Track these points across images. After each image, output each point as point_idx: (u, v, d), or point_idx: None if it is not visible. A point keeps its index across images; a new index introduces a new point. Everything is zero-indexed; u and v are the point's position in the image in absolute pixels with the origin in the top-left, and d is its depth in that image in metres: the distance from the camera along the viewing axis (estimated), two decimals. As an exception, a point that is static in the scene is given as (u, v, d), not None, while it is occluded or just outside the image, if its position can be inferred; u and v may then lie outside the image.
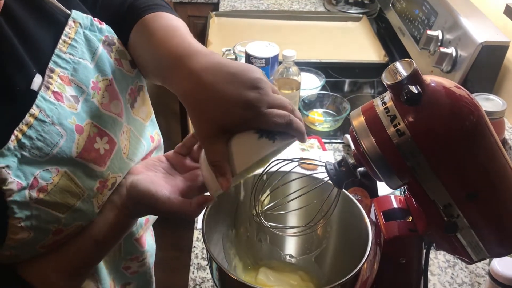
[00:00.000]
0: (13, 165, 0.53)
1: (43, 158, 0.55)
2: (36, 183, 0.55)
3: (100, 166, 0.61)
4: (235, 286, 0.68)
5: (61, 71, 0.59)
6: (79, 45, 0.61)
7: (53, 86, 0.57)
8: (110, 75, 0.64)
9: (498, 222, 0.62)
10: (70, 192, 0.58)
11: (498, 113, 1.09)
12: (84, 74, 0.61)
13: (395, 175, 0.60)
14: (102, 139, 0.61)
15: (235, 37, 1.62)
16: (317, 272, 0.82)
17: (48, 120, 0.55)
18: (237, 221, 0.81)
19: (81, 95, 0.60)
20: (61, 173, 0.57)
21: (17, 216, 0.54)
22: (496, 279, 0.84)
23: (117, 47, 0.66)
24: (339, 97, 1.36)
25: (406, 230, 0.68)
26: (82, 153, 0.59)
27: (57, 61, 0.59)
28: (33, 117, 0.54)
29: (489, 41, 1.17)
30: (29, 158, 0.54)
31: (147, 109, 0.74)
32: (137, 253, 0.80)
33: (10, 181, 0.52)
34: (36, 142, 0.54)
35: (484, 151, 0.59)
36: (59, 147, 0.56)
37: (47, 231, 0.58)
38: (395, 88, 0.57)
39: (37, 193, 0.55)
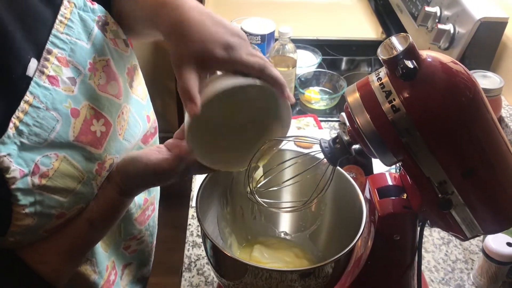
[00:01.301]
0: (14, 153, 0.53)
1: (42, 144, 0.55)
2: (38, 170, 0.55)
3: (97, 149, 0.62)
4: (229, 263, 0.68)
5: (59, 52, 0.59)
6: (75, 26, 0.61)
7: (48, 70, 0.57)
8: (107, 55, 0.64)
9: (493, 199, 0.62)
10: (71, 176, 0.59)
11: (495, 91, 1.08)
12: (81, 55, 0.61)
13: (390, 151, 0.59)
14: (98, 121, 0.62)
15: (231, 14, 1.60)
16: (311, 249, 0.82)
17: (42, 106, 0.55)
18: (232, 199, 0.81)
19: (78, 76, 0.60)
20: (60, 158, 0.57)
21: (21, 203, 0.55)
22: (490, 256, 0.84)
23: (111, 27, 0.66)
24: (335, 75, 1.34)
25: (400, 207, 0.68)
26: (79, 137, 0.59)
27: (54, 42, 0.58)
28: (28, 104, 0.54)
29: (487, 17, 1.15)
30: (28, 145, 0.54)
31: (143, 88, 0.74)
32: (136, 232, 0.81)
33: (13, 169, 0.53)
34: (33, 128, 0.55)
35: (480, 127, 0.58)
36: (56, 132, 0.56)
37: (50, 215, 0.59)
38: (390, 63, 0.56)
39: (39, 179, 0.55)
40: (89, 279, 0.73)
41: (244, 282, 0.67)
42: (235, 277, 0.69)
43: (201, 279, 0.88)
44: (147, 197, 0.81)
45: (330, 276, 0.67)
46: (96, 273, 0.74)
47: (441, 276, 0.90)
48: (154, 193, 0.84)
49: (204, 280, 0.88)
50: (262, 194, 0.73)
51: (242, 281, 0.67)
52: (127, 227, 0.79)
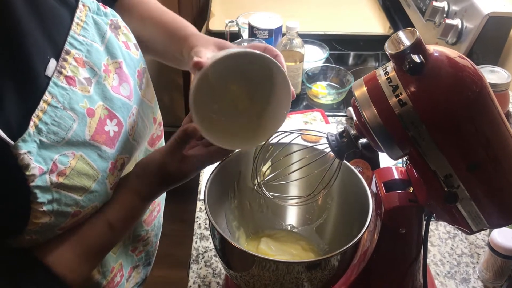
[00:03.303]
0: (34, 151, 0.55)
1: (60, 143, 0.57)
2: (56, 168, 0.57)
3: (110, 148, 0.63)
4: (237, 254, 0.69)
5: (76, 53, 0.61)
6: (90, 28, 0.64)
7: (66, 70, 0.59)
8: (119, 57, 0.67)
9: (498, 193, 0.63)
10: (86, 175, 0.60)
11: (503, 85, 1.08)
12: (97, 56, 0.63)
13: (396, 145, 0.60)
14: (112, 121, 0.64)
15: (238, 9, 1.60)
16: (318, 242, 0.83)
17: (60, 106, 0.57)
18: (239, 192, 0.81)
19: (93, 76, 0.62)
20: (77, 157, 0.59)
21: (39, 201, 0.56)
22: (496, 250, 0.85)
23: (123, 30, 0.69)
24: (343, 70, 1.35)
25: (406, 201, 0.68)
26: (94, 136, 0.61)
27: (72, 42, 0.61)
28: (46, 103, 0.56)
29: (495, 12, 1.15)
30: (47, 144, 0.56)
31: (151, 91, 0.76)
32: (143, 233, 0.82)
33: (33, 166, 0.54)
34: (51, 127, 0.56)
35: (486, 122, 0.59)
36: (73, 131, 0.58)
37: (67, 214, 0.60)
38: (397, 58, 0.56)
39: (57, 177, 0.57)
40: (92, 278, 0.73)
41: (251, 273, 0.68)
42: (242, 268, 0.70)
43: (209, 270, 0.89)
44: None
45: (336, 268, 0.68)
46: (100, 273, 0.74)
47: (447, 270, 0.91)
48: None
49: (211, 271, 0.89)
50: (269, 188, 0.74)
51: (249, 273, 0.68)
52: (136, 229, 0.80)
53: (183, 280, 0.98)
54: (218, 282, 0.87)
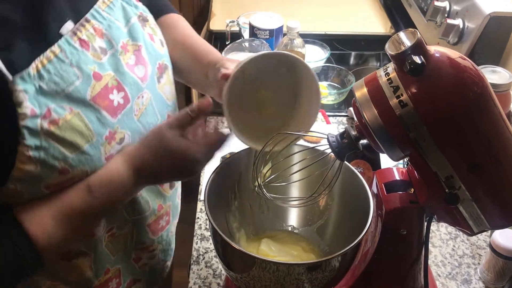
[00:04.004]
0: (31, 92, 0.56)
1: (59, 94, 0.58)
2: (49, 115, 0.57)
3: (111, 116, 0.63)
4: (237, 256, 0.69)
5: (96, 23, 0.64)
6: (116, 9, 0.67)
7: (81, 34, 0.62)
8: (140, 42, 0.68)
9: (500, 194, 0.62)
10: (80, 132, 0.60)
11: (505, 86, 1.07)
12: (117, 33, 0.66)
13: (397, 146, 0.59)
14: (119, 93, 0.64)
15: (238, 9, 1.60)
16: (318, 243, 0.83)
17: (67, 61, 0.59)
18: (240, 193, 0.81)
19: (110, 49, 0.64)
20: (74, 113, 0.59)
21: (26, 143, 0.56)
22: (497, 251, 0.85)
23: (150, 24, 0.72)
24: (344, 70, 1.34)
25: (407, 202, 0.68)
26: (96, 98, 0.61)
27: (94, 14, 0.64)
28: (53, 54, 0.58)
29: (497, 12, 1.15)
30: (45, 91, 0.57)
31: (172, 90, 0.76)
32: (148, 241, 0.80)
33: (26, 106, 0.55)
34: (53, 77, 0.58)
35: (487, 123, 0.58)
36: (74, 86, 0.59)
37: (54, 168, 0.59)
38: (398, 59, 0.56)
39: (48, 124, 0.57)
40: (82, 274, 0.73)
41: (252, 275, 0.67)
42: (243, 270, 0.70)
43: (209, 271, 0.89)
44: (162, 204, 0.80)
45: (337, 269, 0.68)
46: (91, 270, 0.73)
47: (448, 271, 0.91)
48: (169, 203, 0.83)
49: (212, 272, 0.89)
50: (270, 189, 0.74)
51: (249, 274, 0.68)
52: (139, 233, 0.78)
53: (183, 280, 0.98)
54: (218, 283, 0.87)
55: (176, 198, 0.86)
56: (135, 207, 0.75)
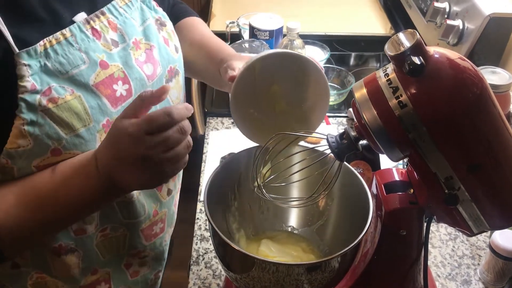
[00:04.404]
0: (35, 68, 0.57)
1: (63, 75, 0.59)
2: (49, 92, 0.58)
3: (112, 105, 0.64)
4: (237, 256, 0.69)
5: (112, 18, 0.65)
6: (133, 8, 0.68)
7: (95, 23, 0.63)
8: (153, 42, 0.69)
9: (499, 195, 0.62)
10: (78, 115, 0.60)
11: (504, 87, 1.08)
12: (131, 29, 0.67)
13: (397, 147, 0.59)
14: (123, 85, 0.65)
15: (239, 10, 1.60)
16: (318, 243, 0.83)
17: (76, 46, 0.61)
18: (240, 193, 0.81)
19: (122, 42, 0.65)
20: (75, 95, 0.60)
21: (23, 117, 0.56)
22: (497, 252, 0.85)
23: (168, 29, 0.73)
24: (343, 71, 1.34)
25: (406, 203, 0.68)
26: (98, 85, 0.62)
27: (111, 9, 0.65)
28: (63, 36, 0.60)
29: (497, 13, 1.15)
30: (49, 69, 0.58)
31: (178, 95, 0.76)
32: (140, 246, 0.79)
33: (27, 79, 0.56)
34: (59, 58, 0.59)
35: (487, 124, 0.58)
36: (79, 70, 0.60)
37: (46, 146, 0.59)
38: (397, 59, 0.56)
39: (47, 102, 0.57)
40: (70, 271, 0.72)
41: (251, 275, 0.67)
42: (242, 270, 0.70)
43: (209, 272, 0.89)
44: (157, 210, 0.79)
45: (337, 270, 0.68)
46: (78, 268, 0.72)
47: (448, 272, 0.91)
48: (165, 209, 0.81)
49: (212, 273, 0.89)
50: (269, 189, 0.74)
51: (249, 275, 0.68)
52: (132, 237, 0.77)
53: (183, 281, 0.98)
54: (218, 283, 0.87)
55: (172, 206, 0.85)
56: (131, 209, 0.73)
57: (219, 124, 1.22)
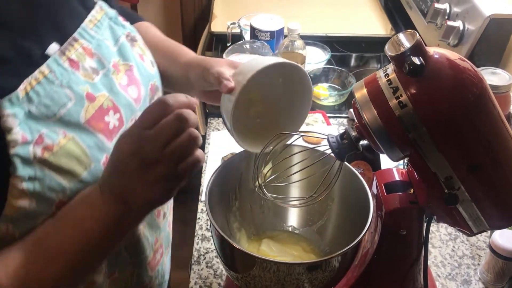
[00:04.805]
0: (20, 116, 0.50)
1: (51, 119, 0.53)
2: (41, 141, 0.51)
3: (108, 140, 0.59)
4: (238, 256, 0.69)
5: (85, 43, 0.59)
6: (103, 28, 0.63)
7: (70, 53, 0.57)
8: (131, 62, 0.65)
9: (499, 195, 0.63)
10: (77, 159, 0.54)
11: (504, 87, 1.08)
12: (107, 52, 0.61)
13: (397, 147, 0.60)
14: (114, 114, 0.60)
15: (240, 10, 1.61)
16: (319, 243, 0.83)
17: (57, 82, 0.54)
18: (240, 193, 0.82)
19: (101, 69, 0.60)
20: (68, 138, 0.54)
21: (19, 174, 0.50)
22: (497, 252, 0.85)
23: (139, 44, 0.68)
24: (344, 72, 1.35)
25: (407, 202, 0.68)
26: (90, 121, 0.56)
27: (82, 33, 0.59)
28: (42, 75, 0.53)
29: (497, 14, 1.15)
30: (36, 115, 0.52)
31: None
32: (147, 280, 0.75)
33: (16, 131, 0.49)
34: (43, 99, 0.52)
35: (486, 124, 0.59)
36: (66, 109, 0.54)
37: (51, 201, 0.53)
38: (397, 60, 0.57)
39: (42, 151, 0.51)
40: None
41: (252, 274, 0.68)
42: (243, 269, 0.70)
43: (210, 271, 0.90)
44: (157, 237, 0.76)
45: (337, 269, 0.68)
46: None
47: (448, 272, 0.91)
48: (162, 234, 0.78)
49: (213, 272, 0.89)
50: (270, 189, 0.74)
51: (250, 274, 0.68)
52: (141, 274, 0.73)
53: (184, 281, 0.98)
54: (219, 283, 0.88)
55: (166, 227, 0.81)
56: (138, 246, 0.70)
57: (220, 124, 1.22)
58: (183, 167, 0.52)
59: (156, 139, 0.51)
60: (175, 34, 2.54)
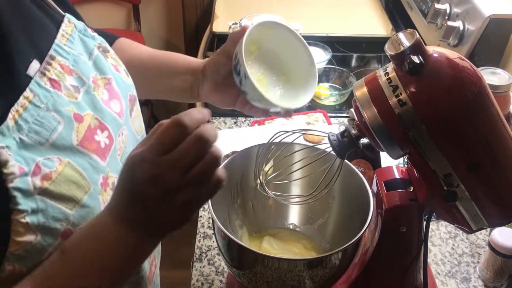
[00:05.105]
0: (13, 147, 0.48)
1: (43, 145, 0.51)
2: (39, 170, 0.49)
3: (102, 160, 0.56)
4: (240, 252, 0.70)
5: (62, 60, 0.57)
6: (76, 42, 0.60)
7: (50, 73, 0.55)
8: (108, 74, 0.62)
9: (498, 193, 0.63)
10: (76, 184, 0.52)
11: (504, 87, 1.08)
12: (85, 67, 0.59)
13: (397, 145, 0.61)
14: (102, 132, 0.57)
15: (241, 11, 1.62)
16: (319, 241, 0.84)
17: (43, 106, 0.52)
18: (242, 191, 0.82)
19: (82, 86, 0.58)
20: (64, 163, 0.52)
21: (21, 208, 0.47)
22: (496, 249, 0.86)
23: (112, 55, 0.66)
24: (345, 71, 1.36)
25: (406, 200, 0.69)
26: (83, 142, 0.54)
27: (58, 50, 0.57)
28: (27, 100, 0.51)
29: (497, 14, 1.16)
30: (28, 144, 0.49)
31: (140, 122, 0.70)
32: None
33: (11, 164, 0.47)
34: (33, 126, 0.50)
35: (485, 122, 0.59)
36: (57, 133, 0.52)
37: (55, 232, 0.51)
38: (397, 58, 0.57)
39: (41, 181, 0.49)
40: None
41: (254, 271, 0.69)
42: (245, 266, 0.71)
43: (212, 269, 0.90)
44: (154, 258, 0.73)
45: (337, 266, 0.69)
46: None
47: (448, 269, 0.92)
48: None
49: (214, 270, 0.90)
50: (271, 187, 0.75)
51: (251, 271, 0.69)
52: None
53: (186, 279, 0.99)
54: (221, 280, 0.88)
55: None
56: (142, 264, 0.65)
57: (221, 123, 1.23)
58: (207, 191, 0.50)
59: (177, 165, 0.47)
60: (176, 35, 2.55)
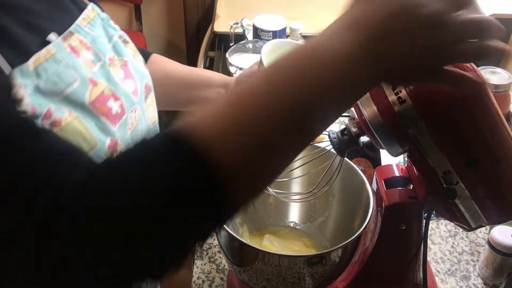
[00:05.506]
0: (30, 89, 0.51)
1: (58, 95, 0.54)
2: (50, 115, 0.52)
3: (111, 124, 0.58)
4: (240, 249, 0.71)
5: (81, 37, 0.60)
6: (97, 27, 0.63)
7: (71, 40, 0.58)
8: (126, 58, 0.65)
9: (497, 190, 0.64)
10: (84, 137, 0.55)
11: (504, 86, 1.09)
12: (102, 46, 0.62)
13: (396, 142, 0.61)
14: (115, 101, 0.60)
15: (242, 11, 1.62)
16: (320, 238, 0.85)
17: (63, 63, 0.55)
18: (243, 189, 0.83)
19: (98, 61, 0.60)
20: (73, 116, 0.54)
21: None
22: (495, 248, 0.86)
23: (131, 46, 0.69)
24: (345, 71, 1.36)
25: (406, 197, 0.70)
26: (95, 103, 0.57)
27: (77, 29, 0.60)
28: (50, 53, 0.54)
29: (497, 13, 1.16)
30: (44, 91, 0.52)
31: (154, 113, 0.72)
32: None
33: (26, 103, 0.50)
34: (51, 77, 0.53)
35: (484, 120, 0.60)
36: (73, 88, 0.55)
37: None
38: (397, 57, 0.58)
39: (51, 126, 0.52)
40: None
41: (255, 268, 0.69)
42: (246, 263, 0.71)
43: (213, 266, 0.91)
44: None
45: (337, 263, 0.70)
46: None
47: (447, 267, 0.92)
48: None
49: (215, 267, 0.91)
50: (272, 185, 0.75)
51: (252, 267, 0.69)
52: None
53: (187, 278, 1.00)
54: (221, 277, 0.89)
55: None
56: None
57: (222, 122, 1.23)
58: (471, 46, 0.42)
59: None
60: (178, 34, 2.56)
